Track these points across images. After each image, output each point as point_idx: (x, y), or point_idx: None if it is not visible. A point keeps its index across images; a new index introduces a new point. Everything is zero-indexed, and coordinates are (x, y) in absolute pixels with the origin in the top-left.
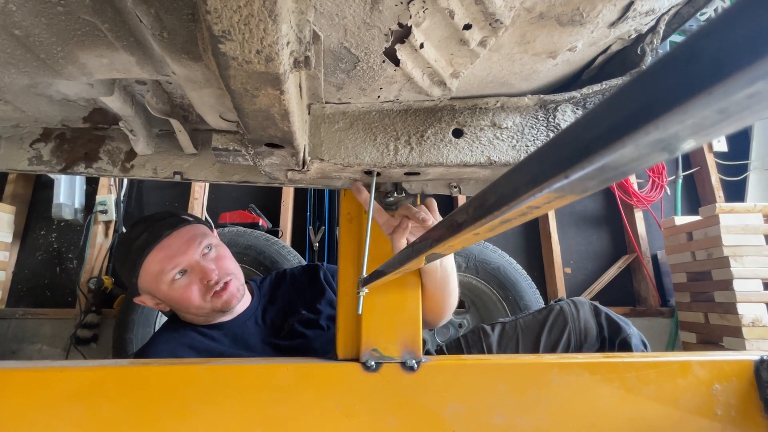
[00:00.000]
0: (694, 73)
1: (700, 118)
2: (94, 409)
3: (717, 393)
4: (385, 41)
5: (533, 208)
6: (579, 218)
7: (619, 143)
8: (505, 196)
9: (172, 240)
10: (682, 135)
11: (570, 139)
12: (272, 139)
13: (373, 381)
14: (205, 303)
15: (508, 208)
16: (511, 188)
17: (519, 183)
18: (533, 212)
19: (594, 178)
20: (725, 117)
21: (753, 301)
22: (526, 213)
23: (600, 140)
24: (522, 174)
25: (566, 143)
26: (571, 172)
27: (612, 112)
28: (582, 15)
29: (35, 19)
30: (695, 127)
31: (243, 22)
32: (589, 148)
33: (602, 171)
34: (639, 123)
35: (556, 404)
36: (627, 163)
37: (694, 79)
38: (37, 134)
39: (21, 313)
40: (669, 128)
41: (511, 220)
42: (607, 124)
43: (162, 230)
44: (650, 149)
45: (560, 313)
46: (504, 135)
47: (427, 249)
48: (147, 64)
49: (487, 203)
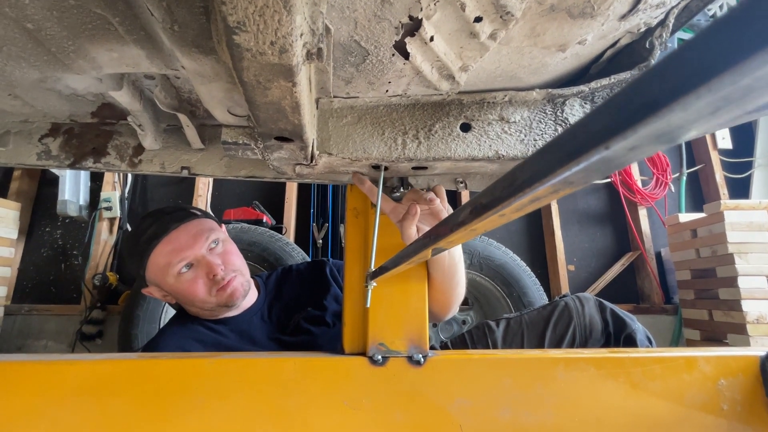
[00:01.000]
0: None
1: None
2: (102, 402)
3: (723, 388)
4: (395, 34)
5: (568, 183)
6: (582, 215)
7: (679, 102)
8: (539, 173)
9: (180, 233)
10: (733, 96)
11: (611, 111)
12: (282, 132)
13: (379, 375)
14: (210, 297)
15: (540, 184)
16: (546, 164)
17: (555, 157)
18: (566, 189)
19: (635, 147)
20: (728, 103)
21: (758, 298)
22: (558, 189)
23: (653, 104)
24: (559, 147)
25: (605, 115)
26: (612, 143)
27: (652, 81)
28: (593, 7)
29: (47, 12)
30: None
31: (258, 13)
32: (633, 118)
33: (653, 134)
34: (695, 84)
35: (562, 399)
36: (673, 129)
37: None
38: (46, 129)
39: (26, 309)
40: (720, 91)
41: (541, 198)
42: (663, 85)
43: (170, 223)
44: (700, 114)
45: (565, 308)
46: (512, 129)
47: (446, 236)
48: (156, 58)
49: (517, 182)
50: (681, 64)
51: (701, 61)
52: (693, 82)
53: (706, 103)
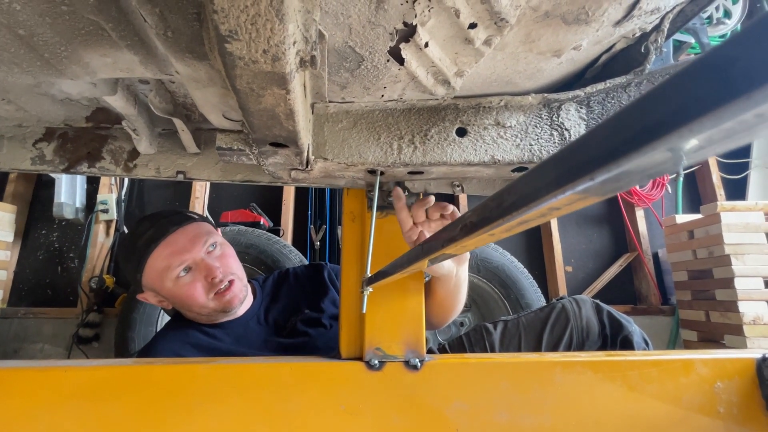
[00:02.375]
0: (732, 77)
1: (737, 122)
2: (98, 408)
3: (719, 391)
4: (389, 40)
5: (554, 209)
6: (580, 217)
7: (648, 146)
8: (526, 197)
9: (178, 237)
10: (716, 138)
11: (596, 142)
12: (277, 138)
13: (376, 380)
14: (207, 302)
15: (528, 209)
16: (533, 189)
17: (541, 184)
18: (553, 213)
19: (620, 180)
20: (761, 121)
21: (754, 299)
22: (546, 214)
23: (629, 143)
24: (544, 175)
25: (592, 146)
26: (598, 174)
27: (641, 114)
28: (587, 13)
29: (39, 18)
30: (730, 131)
31: (250, 22)
32: (617, 152)
33: (628, 174)
34: (674, 126)
35: (559, 402)
36: (656, 165)
37: (731, 84)
38: (40, 134)
39: (23, 312)
40: (701, 131)
41: (530, 221)
42: (636, 127)
43: (168, 227)
44: (678, 151)
45: (562, 311)
46: (508, 134)
47: (439, 249)
48: (151, 64)
49: (504, 204)
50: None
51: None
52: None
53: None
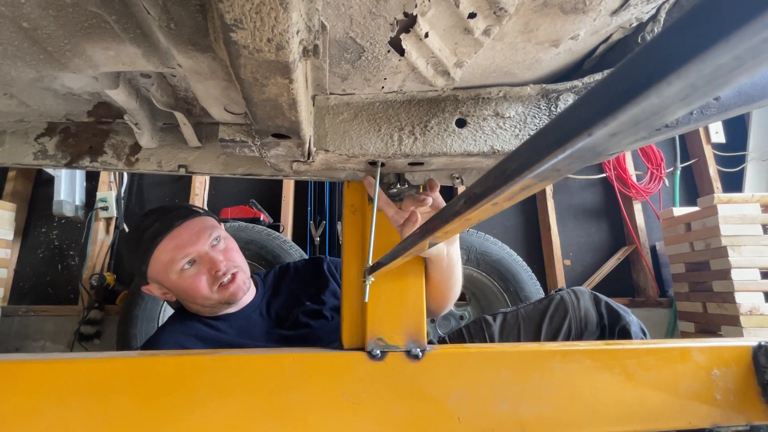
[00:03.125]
0: (703, 32)
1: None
2: (102, 400)
3: (716, 378)
4: (390, 31)
5: (555, 170)
6: (578, 210)
7: (642, 96)
8: (528, 160)
9: (183, 230)
10: (699, 84)
11: (595, 99)
12: (279, 129)
13: (378, 369)
14: (212, 294)
15: (530, 172)
16: (535, 151)
17: (542, 145)
18: (554, 175)
19: (615, 134)
20: (740, 64)
21: (751, 290)
22: (548, 177)
23: (629, 92)
24: (546, 136)
25: (590, 103)
26: (595, 130)
27: (634, 66)
28: (585, 3)
29: (43, 11)
30: (710, 76)
31: (254, 11)
32: (612, 106)
33: (621, 128)
34: (663, 74)
35: (558, 391)
36: (648, 117)
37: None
38: (42, 128)
39: (24, 310)
40: (688, 77)
41: (531, 186)
42: (628, 79)
43: (173, 220)
44: (671, 100)
45: (561, 302)
46: (507, 124)
47: (441, 227)
48: (153, 56)
49: (507, 171)
50: (651, 56)
51: (669, 52)
52: (663, 70)
53: (676, 90)
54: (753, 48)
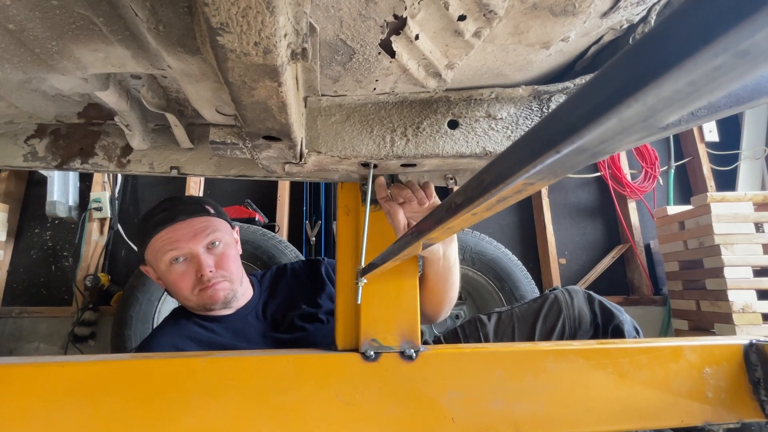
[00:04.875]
0: (668, 51)
1: (672, 91)
2: (96, 403)
3: (708, 376)
4: (380, 33)
5: (528, 184)
6: (573, 209)
7: (604, 118)
8: (502, 174)
9: (184, 226)
10: (659, 108)
11: (560, 118)
12: (270, 131)
13: (372, 370)
14: (191, 295)
15: (504, 185)
16: (508, 166)
17: (514, 161)
18: (528, 189)
19: (583, 152)
20: (695, 89)
21: (743, 288)
22: (521, 190)
23: (587, 117)
24: (518, 152)
25: (557, 121)
26: (563, 147)
27: (596, 90)
28: (574, 5)
29: (29, 13)
30: (669, 101)
31: (241, 14)
32: (577, 125)
33: (589, 146)
34: (621, 98)
35: (552, 390)
36: (612, 137)
37: (667, 56)
38: (32, 130)
39: (17, 311)
40: (646, 102)
41: (507, 198)
42: (592, 102)
43: (179, 214)
44: (631, 123)
45: (555, 301)
46: (499, 126)
47: (427, 232)
48: (142, 58)
49: (483, 183)
50: (615, 75)
51: (657, 54)
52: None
53: (633, 113)
54: (740, 52)
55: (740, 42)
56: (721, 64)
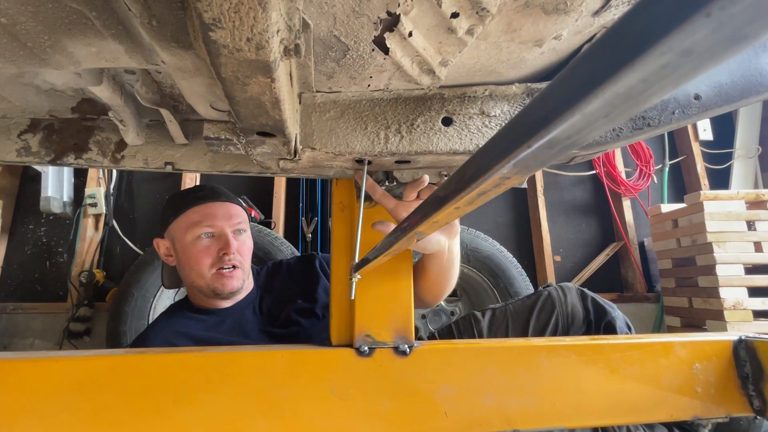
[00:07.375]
0: (621, 50)
1: (627, 88)
2: (91, 398)
3: (697, 372)
4: (374, 29)
5: (505, 178)
6: (568, 207)
7: (568, 113)
8: (480, 169)
9: (223, 206)
10: (617, 103)
11: (530, 114)
12: (264, 127)
13: (366, 366)
14: (207, 273)
15: (483, 179)
16: (485, 161)
17: (490, 157)
18: (505, 183)
19: (553, 146)
20: (648, 86)
21: (735, 285)
22: (499, 184)
23: (553, 113)
24: (494, 148)
25: (527, 118)
26: (533, 142)
27: (561, 88)
28: (566, 3)
29: (22, 6)
30: (625, 97)
31: (233, 10)
32: (545, 120)
33: (557, 141)
34: (582, 95)
35: (544, 385)
36: (578, 131)
37: (620, 55)
38: (25, 125)
39: (11, 307)
40: (605, 98)
41: (487, 192)
42: (557, 99)
43: (220, 196)
44: (594, 118)
45: (548, 298)
46: (492, 123)
47: (414, 227)
48: (136, 53)
49: (465, 178)
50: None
51: (584, 78)
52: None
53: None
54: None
55: (683, 41)
56: (668, 63)
